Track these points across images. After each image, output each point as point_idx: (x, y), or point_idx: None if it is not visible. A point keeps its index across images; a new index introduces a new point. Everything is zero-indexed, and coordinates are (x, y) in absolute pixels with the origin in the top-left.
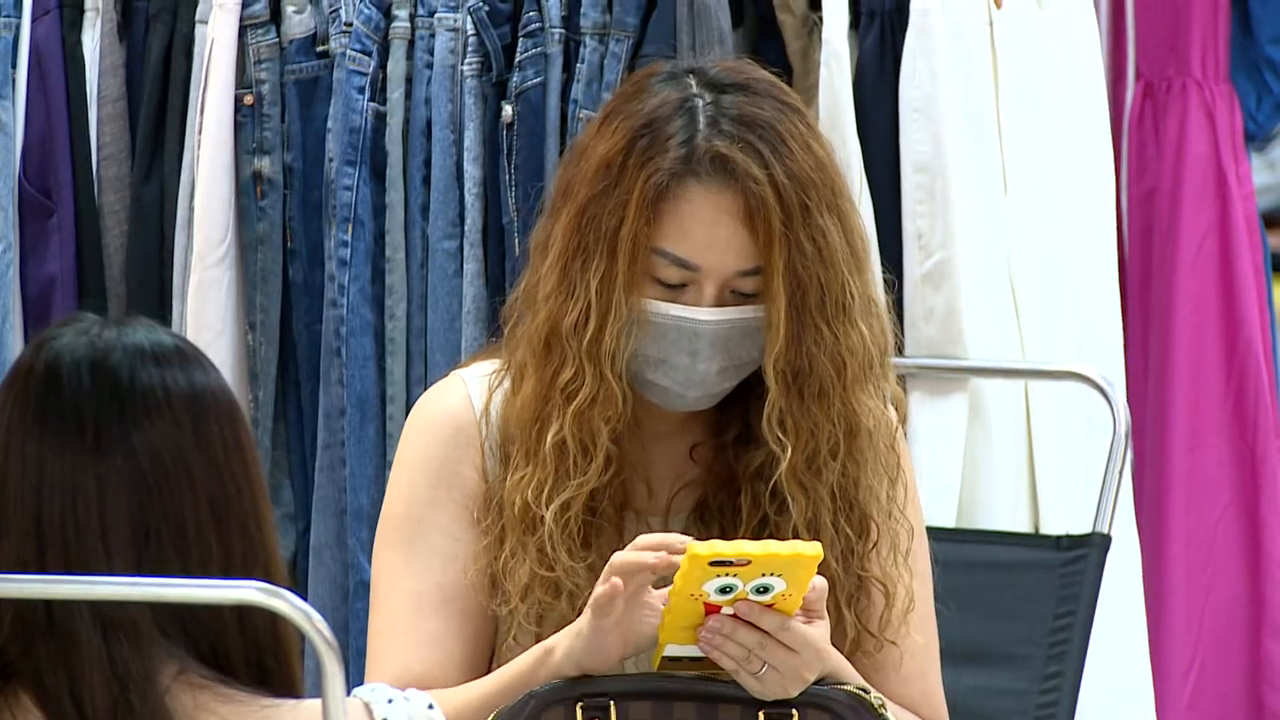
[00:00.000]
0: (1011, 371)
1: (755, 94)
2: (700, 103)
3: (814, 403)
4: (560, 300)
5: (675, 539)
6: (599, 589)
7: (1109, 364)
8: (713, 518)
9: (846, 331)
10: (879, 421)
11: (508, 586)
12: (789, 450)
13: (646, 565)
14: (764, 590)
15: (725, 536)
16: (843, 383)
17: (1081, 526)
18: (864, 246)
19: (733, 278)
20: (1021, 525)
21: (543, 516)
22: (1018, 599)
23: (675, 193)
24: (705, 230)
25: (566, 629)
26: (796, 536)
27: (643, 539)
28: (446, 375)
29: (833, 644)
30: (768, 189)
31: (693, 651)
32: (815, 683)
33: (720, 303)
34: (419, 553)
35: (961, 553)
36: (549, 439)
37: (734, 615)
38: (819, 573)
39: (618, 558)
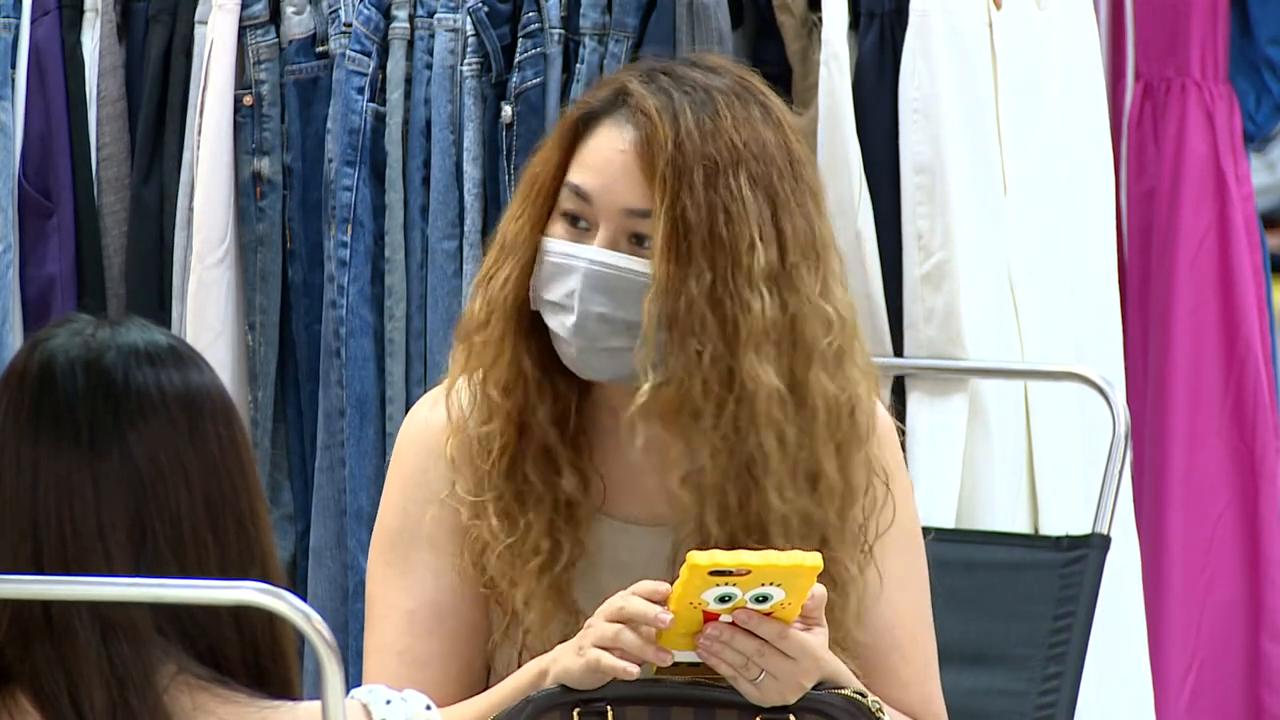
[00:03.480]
0: (1011, 372)
1: (714, 73)
2: (651, 67)
3: (685, 345)
4: (489, 252)
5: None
6: (600, 627)
7: (1108, 364)
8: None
9: (744, 295)
10: (785, 396)
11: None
12: (649, 382)
13: (658, 620)
14: (763, 599)
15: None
16: (727, 339)
17: (1081, 527)
18: (815, 244)
19: (626, 218)
20: (1021, 526)
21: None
22: (1018, 599)
23: (590, 130)
24: (602, 162)
25: (561, 647)
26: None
27: (643, 586)
28: (440, 382)
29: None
30: (666, 130)
31: (691, 658)
32: (813, 688)
33: (613, 246)
34: (412, 569)
35: (961, 553)
36: (455, 379)
37: (733, 623)
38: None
39: (627, 603)
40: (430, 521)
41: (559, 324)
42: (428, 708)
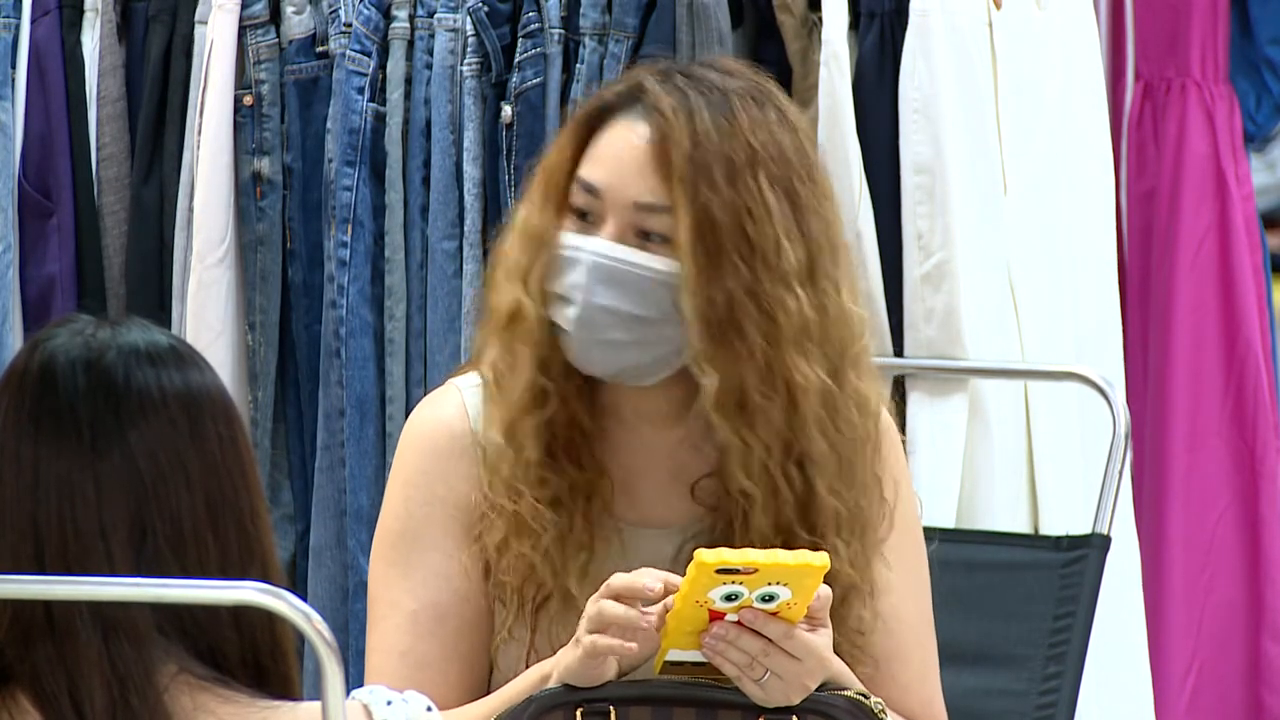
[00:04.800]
0: (1011, 372)
1: (730, 75)
2: (667, 67)
3: (735, 341)
4: (509, 244)
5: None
6: (588, 609)
7: (1108, 364)
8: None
9: (780, 293)
10: (831, 394)
11: (492, 552)
12: (714, 381)
13: (645, 591)
14: (769, 599)
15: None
16: (769, 337)
17: (1081, 527)
18: (835, 246)
19: (635, 212)
20: (1021, 526)
21: (512, 450)
22: (1018, 599)
23: (603, 126)
24: (613, 156)
25: (561, 651)
26: (746, 497)
27: (646, 572)
28: (443, 384)
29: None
30: (682, 128)
31: (695, 656)
32: (816, 689)
33: (620, 240)
34: (414, 570)
35: (961, 553)
36: (486, 363)
37: (738, 622)
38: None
39: (612, 579)
40: (432, 522)
41: (562, 316)
42: (429, 709)
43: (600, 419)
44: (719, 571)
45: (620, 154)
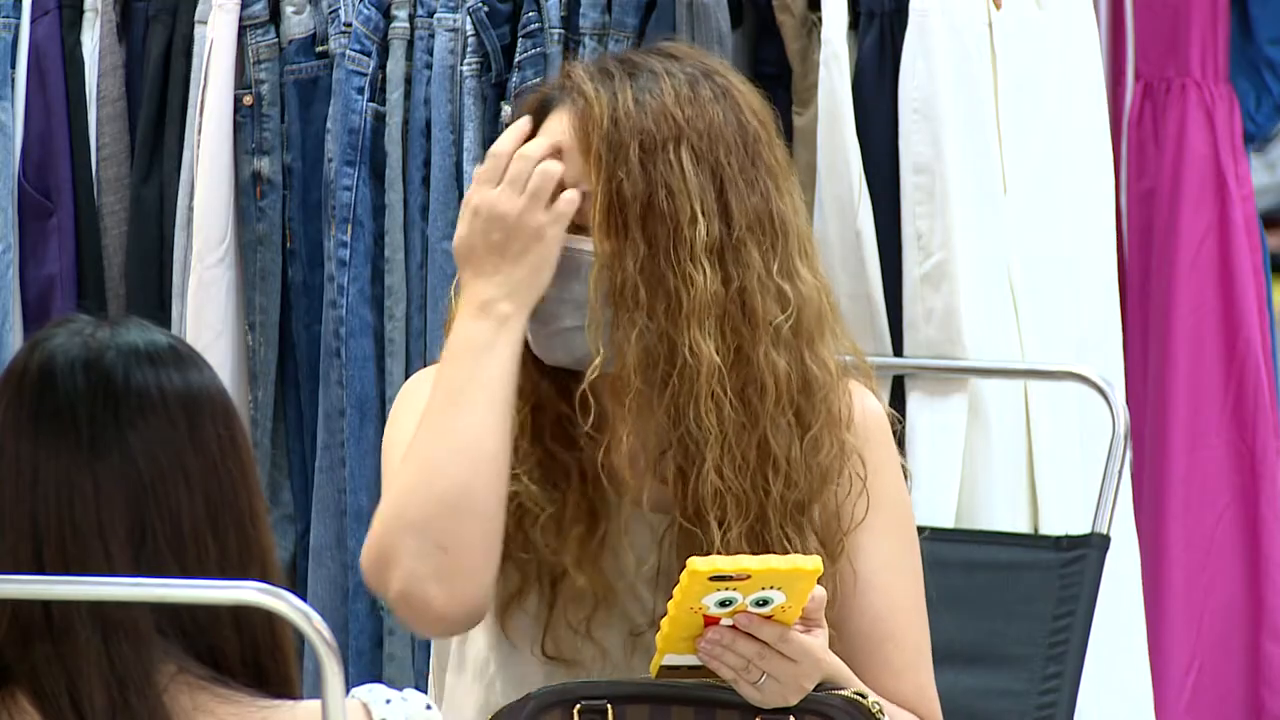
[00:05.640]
0: (1011, 372)
1: (673, 59)
2: (610, 56)
3: (627, 320)
4: None
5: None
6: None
7: (1108, 364)
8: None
9: (686, 268)
10: (727, 373)
11: None
12: (599, 357)
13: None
14: (763, 603)
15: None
16: (670, 313)
17: (1081, 527)
18: (771, 222)
19: None
20: (1021, 525)
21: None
22: (1017, 599)
23: (543, 120)
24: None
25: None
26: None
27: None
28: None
29: None
30: (602, 108)
31: (691, 660)
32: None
33: None
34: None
35: (961, 553)
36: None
37: (733, 626)
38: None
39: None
40: None
41: None
42: (428, 707)
43: (593, 401)
44: (712, 579)
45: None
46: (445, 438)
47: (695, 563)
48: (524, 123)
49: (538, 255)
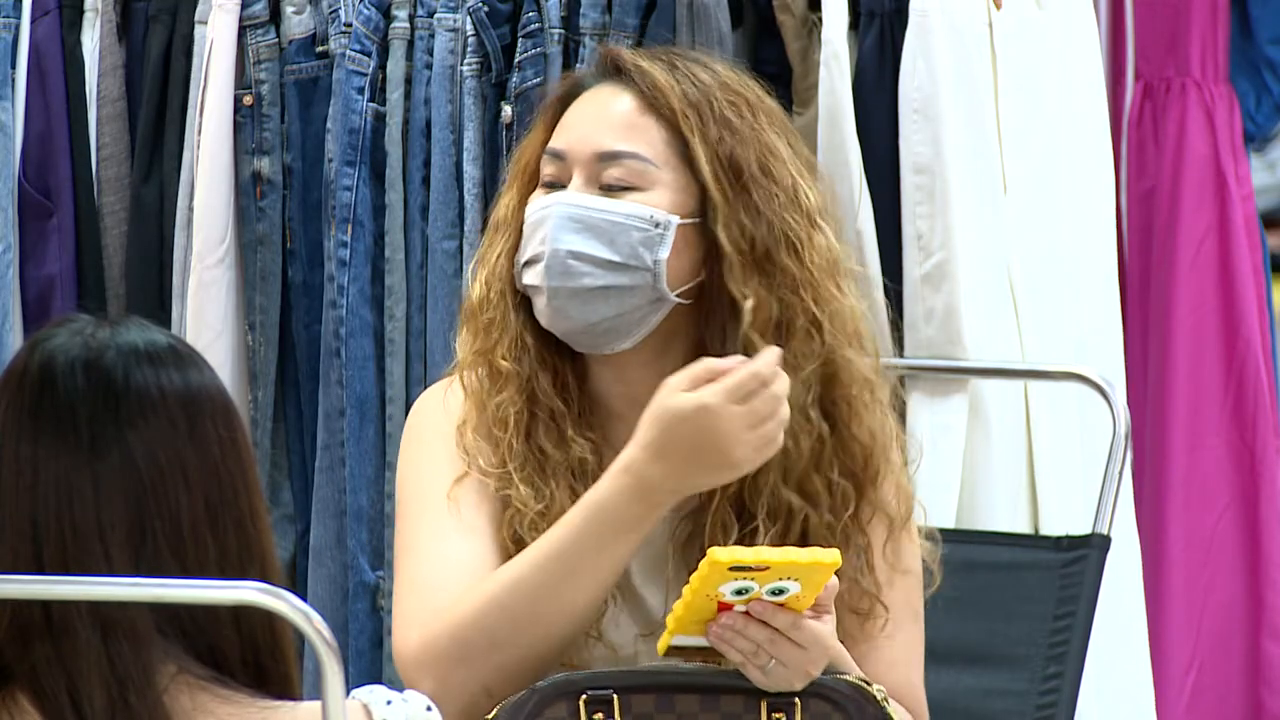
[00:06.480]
0: (1011, 372)
1: (695, 61)
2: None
3: (765, 271)
4: (484, 236)
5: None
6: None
7: (1109, 364)
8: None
9: (806, 229)
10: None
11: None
12: (749, 301)
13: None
14: (778, 591)
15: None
16: (799, 258)
17: (1081, 527)
18: (814, 206)
19: (597, 164)
20: (1021, 526)
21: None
22: (1018, 599)
23: (574, 100)
24: (578, 118)
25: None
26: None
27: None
28: (443, 377)
29: None
30: (670, 78)
31: (700, 642)
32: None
33: (585, 191)
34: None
35: (961, 553)
36: (465, 363)
37: (746, 612)
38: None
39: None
40: (469, 478)
41: (532, 275)
42: (428, 708)
43: (597, 397)
44: (732, 569)
45: (585, 113)
46: (552, 602)
47: (716, 553)
48: None
49: (721, 480)
